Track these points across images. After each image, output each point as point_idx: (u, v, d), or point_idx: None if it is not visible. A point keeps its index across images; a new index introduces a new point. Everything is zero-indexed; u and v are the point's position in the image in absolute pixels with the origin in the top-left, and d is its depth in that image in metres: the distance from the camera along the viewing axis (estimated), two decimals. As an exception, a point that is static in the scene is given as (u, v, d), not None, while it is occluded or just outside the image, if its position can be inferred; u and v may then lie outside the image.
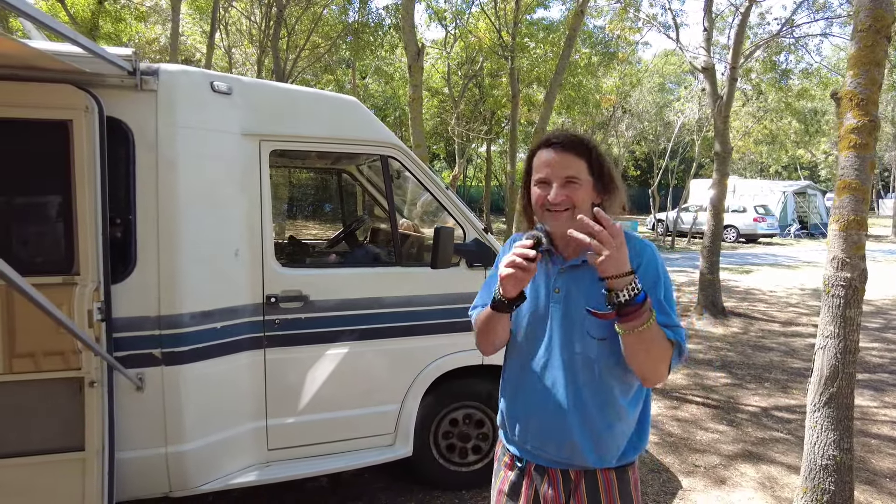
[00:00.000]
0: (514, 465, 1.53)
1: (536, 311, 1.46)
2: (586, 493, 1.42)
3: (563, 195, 1.35)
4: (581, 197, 1.36)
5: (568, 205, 1.35)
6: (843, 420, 2.69)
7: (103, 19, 12.74)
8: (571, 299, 1.40)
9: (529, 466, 1.49)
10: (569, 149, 1.37)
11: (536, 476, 1.47)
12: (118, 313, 2.35)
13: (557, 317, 1.42)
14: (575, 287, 1.41)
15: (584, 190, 1.37)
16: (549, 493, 1.45)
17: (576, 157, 1.37)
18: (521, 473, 1.51)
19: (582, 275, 1.39)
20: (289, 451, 2.82)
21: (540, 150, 1.42)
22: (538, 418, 1.44)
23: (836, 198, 2.70)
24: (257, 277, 2.68)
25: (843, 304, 2.67)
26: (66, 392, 2.23)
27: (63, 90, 2.16)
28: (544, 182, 1.38)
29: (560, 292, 1.42)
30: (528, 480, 1.49)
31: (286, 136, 2.76)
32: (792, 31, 9.92)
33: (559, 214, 1.36)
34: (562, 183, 1.36)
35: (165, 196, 2.43)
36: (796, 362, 5.95)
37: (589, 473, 1.43)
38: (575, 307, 1.40)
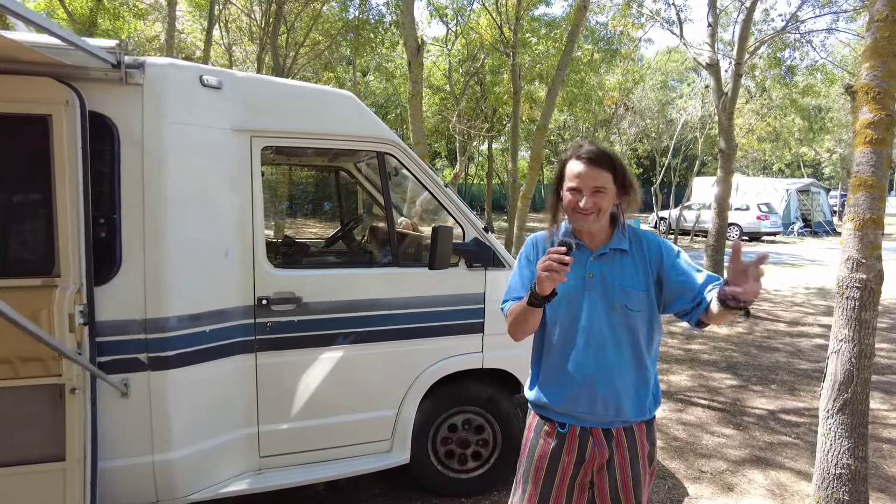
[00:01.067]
0: (556, 433, 1.74)
1: (574, 297, 1.70)
2: (626, 444, 1.71)
3: (592, 202, 1.62)
4: (606, 203, 1.65)
5: (595, 210, 1.64)
6: (857, 427, 2.59)
7: (102, 16, 12.63)
8: (606, 281, 1.70)
9: (574, 430, 1.72)
10: (597, 163, 1.63)
11: (580, 437, 1.72)
12: (102, 316, 2.26)
13: (595, 298, 1.69)
14: (608, 270, 1.71)
15: (609, 196, 1.65)
16: (594, 451, 1.70)
17: (603, 170, 1.63)
18: (562, 438, 1.73)
19: (610, 261, 1.72)
20: (282, 459, 2.73)
21: (571, 161, 1.67)
22: (588, 386, 1.68)
23: (851, 195, 2.59)
24: (248, 278, 2.58)
25: (858, 306, 2.56)
26: (46, 399, 2.14)
27: (42, 83, 2.06)
28: (576, 190, 1.64)
29: (594, 277, 1.70)
30: (572, 443, 1.72)
31: (278, 131, 2.66)
32: (797, 26, 9.79)
33: (587, 217, 1.65)
34: (591, 192, 1.63)
35: (152, 194, 2.33)
36: (803, 363, 5.84)
37: (627, 428, 1.71)
38: (611, 287, 1.69)
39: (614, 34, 13.10)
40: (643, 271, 1.70)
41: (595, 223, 1.66)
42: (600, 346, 1.67)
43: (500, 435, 3.12)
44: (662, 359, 5.96)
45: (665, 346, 6.47)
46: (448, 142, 26.08)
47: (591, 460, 1.71)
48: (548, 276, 1.51)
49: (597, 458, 1.71)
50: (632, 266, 1.70)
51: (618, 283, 1.68)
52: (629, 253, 1.72)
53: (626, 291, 1.67)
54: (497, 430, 3.12)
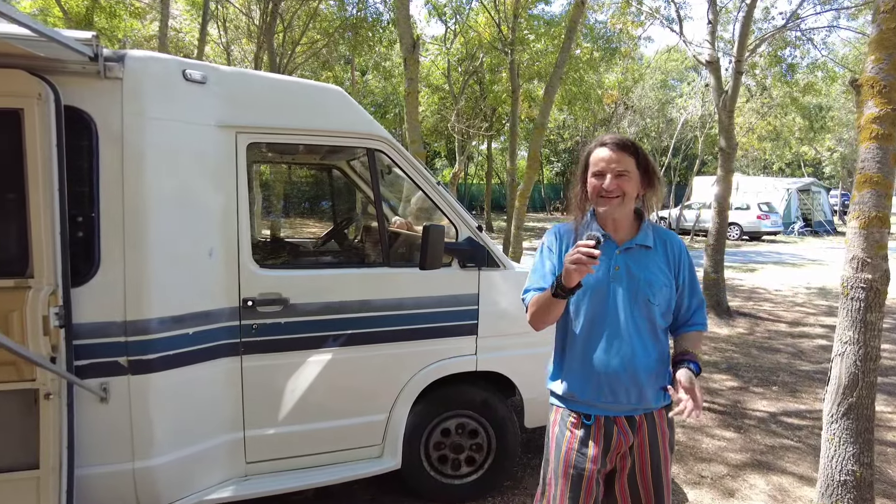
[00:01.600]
0: (582, 423, 1.77)
1: (599, 288, 1.73)
2: (647, 429, 1.76)
3: (615, 184, 1.67)
4: (630, 187, 1.68)
5: (619, 192, 1.67)
6: (863, 432, 2.51)
7: (98, 14, 12.54)
8: (632, 274, 1.73)
9: (599, 420, 1.76)
10: (621, 148, 1.69)
11: (605, 427, 1.75)
12: (80, 318, 2.18)
13: (621, 290, 1.72)
14: (633, 264, 1.74)
15: (633, 181, 1.69)
16: (619, 438, 1.74)
17: (627, 154, 1.68)
18: (588, 429, 1.76)
19: (636, 254, 1.75)
20: (269, 465, 2.65)
21: (596, 149, 1.72)
22: (612, 376, 1.72)
23: (856, 192, 2.51)
24: (233, 279, 2.50)
25: (863, 307, 2.48)
26: (19, 405, 2.06)
27: (13, 76, 1.98)
28: (601, 174, 1.69)
29: (619, 269, 1.73)
30: (598, 433, 1.75)
31: (265, 127, 2.58)
32: (798, 24, 9.70)
33: (611, 200, 1.68)
34: (615, 174, 1.67)
35: (132, 192, 2.25)
36: (805, 364, 5.76)
37: (648, 414, 1.76)
38: (635, 280, 1.72)
39: (613, 32, 13.02)
40: (667, 268, 1.76)
41: (620, 208, 1.69)
42: (624, 338, 1.72)
43: (495, 440, 3.04)
44: (662, 360, 5.88)
45: (665, 347, 6.38)
46: (447, 141, 26.01)
47: (616, 448, 1.75)
48: (576, 269, 1.54)
49: (623, 446, 1.75)
50: (656, 262, 1.75)
51: (643, 277, 1.72)
52: (654, 249, 1.76)
53: (651, 286, 1.72)
54: (491, 434, 3.04)
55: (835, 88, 19.56)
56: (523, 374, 3.04)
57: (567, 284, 1.59)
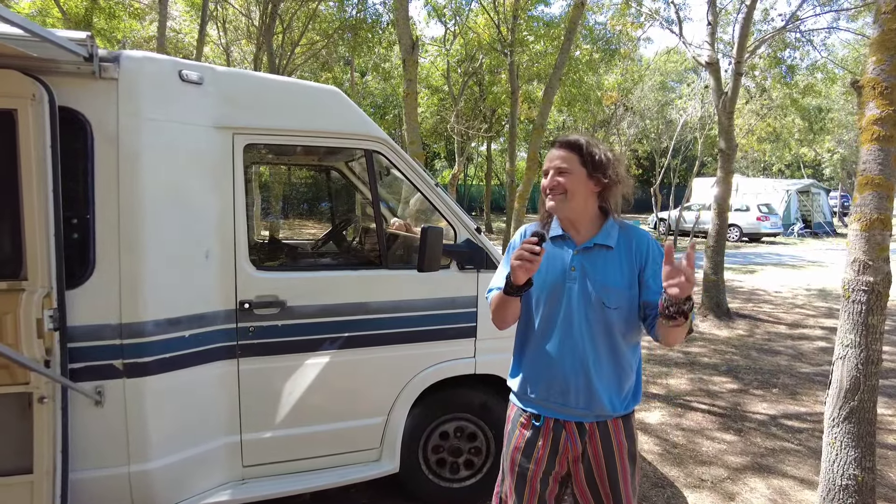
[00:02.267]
0: (531, 424, 1.75)
1: (554, 288, 1.71)
2: (600, 439, 1.70)
3: (555, 181, 1.66)
4: (572, 183, 1.66)
5: (560, 190, 1.66)
6: (864, 436, 2.49)
7: (97, 16, 12.52)
8: (588, 276, 1.68)
9: (548, 422, 1.72)
10: (563, 146, 1.69)
11: (554, 430, 1.71)
12: (75, 321, 2.15)
13: (576, 291, 1.68)
14: (589, 265, 1.69)
15: (574, 178, 1.66)
16: (567, 444, 1.70)
17: (568, 151, 1.67)
18: (537, 430, 1.74)
19: (594, 255, 1.70)
20: (266, 468, 2.62)
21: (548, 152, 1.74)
22: (561, 378, 1.68)
23: (858, 194, 2.49)
24: (229, 281, 2.48)
25: (864, 310, 2.46)
26: (13, 409, 2.04)
27: (6, 76, 1.96)
28: (546, 173, 1.70)
29: (576, 270, 1.69)
30: (546, 435, 1.72)
31: (262, 128, 2.56)
32: (798, 25, 9.69)
33: (554, 195, 1.67)
34: (555, 172, 1.67)
35: (128, 193, 2.23)
36: (805, 367, 5.74)
37: (601, 423, 1.70)
38: (591, 282, 1.67)
39: (613, 34, 13.01)
40: (628, 269, 1.68)
41: (565, 205, 1.66)
42: (576, 340, 1.68)
43: (494, 443, 3.01)
44: (661, 362, 5.86)
45: (663, 349, 6.37)
46: (447, 142, 26.01)
47: (564, 453, 1.72)
48: (519, 266, 1.55)
49: (570, 451, 1.71)
50: (616, 263, 1.68)
51: (598, 279, 1.67)
52: (615, 250, 1.69)
53: (606, 288, 1.66)
54: (490, 437, 3.01)
55: (834, 90, 19.54)
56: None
57: (515, 282, 1.59)
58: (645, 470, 3.49)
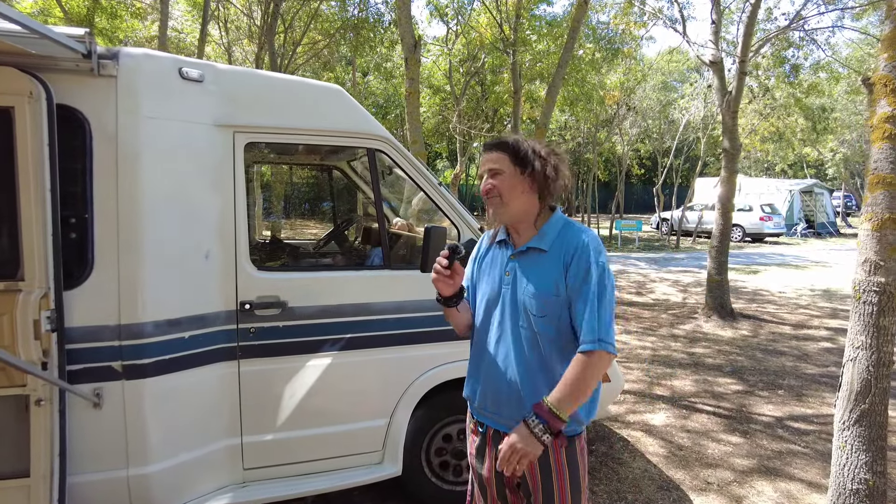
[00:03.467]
0: (478, 431, 1.74)
1: (492, 294, 1.68)
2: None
3: (490, 184, 1.60)
4: (505, 185, 1.58)
5: (496, 193, 1.59)
6: (875, 440, 2.44)
7: (99, 15, 12.51)
8: (518, 281, 1.62)
9: (489, 431, 1.69)
10: (492, 147, 1.62)
11: (493, 439, 1.67)
12: (73, 322, 2.12)
13: (508, 296, 1.63)
14: (521, 270, 1.62)
15: (507, 178, 1.59)
16: None
17: (499, 152, 1.60)
18: (483, 438, 1.72)
19: (527, 260, 1.62)
20: (267, 471, 2.59)
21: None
22: (494, 387, 1.64)
23: (869, 194, 2.44)
24: (230, 282, 2.44)
25: (876, 311, 2.41)
26: (10, 411, 2.01)
27: (3, 73, 1.93)
28: (480, 177, 1.65)
29: (510, 275, 1.64)
30: (490, 444, 1.69)
31: (263, 127, 2.53)
32: (802, 24, 9.64)
33: (492, 201, 1.60)
34: (489, 175, 1.61)
35: (127, 193, 2.20)
36: (810, 368, 5.69)
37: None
38: (520, 287, 1.60)
39: (616, 33, 12.96)
40: (556, 273, 1.55)
41: (502, 209, 1.59)
42: (508, 347, 1.62)
43: (498, 445, 2.98)
44: (665, 363, 5.81)
45: (668, 350, 6.32)
46: (449, 142, 25.96)
47: None
48: (436, 279, 1.56)
49: None
50: (547, 267, 1.57)
51: (525, 285, 1.59)
52: (548, 253, 1.58)
53: (533, 295, 1.56)
54: (494, 440, 2.97)
55: (838, 89, 19.45)
56: None
57: (441, 294, 1.62)
58: (650, 472, 3.45)
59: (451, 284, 1.56)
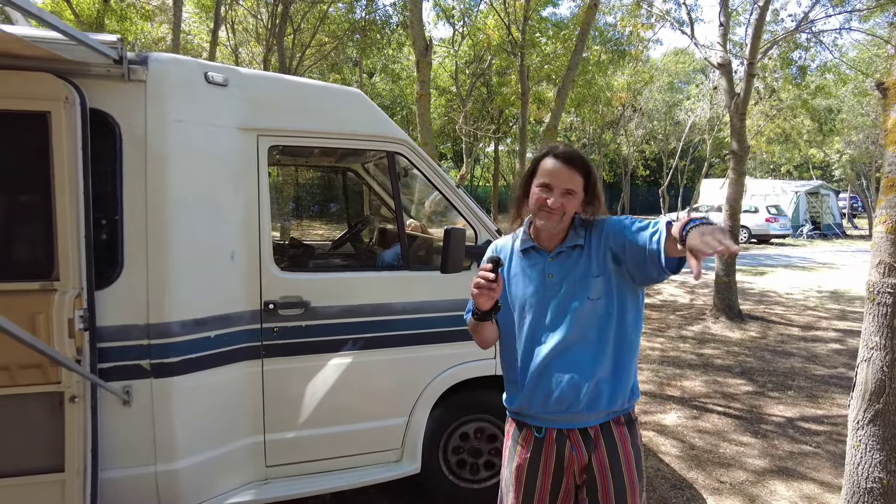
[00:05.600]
0: (533, 437, 1.68)
1: (536, 298, 1.67)
2: (606, 447, 1.64)
3: (560, 202, 1.60)
4: (572, 207, 1.63)
5: (561, 212, 1.61)
6: (890, 439, 2.47)
7: (108, 17, 12.61)
8: (567, 276, 1.65)
9: (550, 435, 1.66)
10: (573, 164, 1.61)
11: (557, 441, 1.65)
12: (103, 321, 2.17)
13: (558, 296, 1.65)
14: (566, 267, 1.66)
15: (576, 201, 1.63)
16: (572, 455, 1.64)
17: (577, 173, 1.61)
18: (539, 445, 1.67)
19: (567, 257, 1.67)
20: (289, 468, 2.64)
21: (547, 159, 1.64)
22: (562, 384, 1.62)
23: (883, 196, 2.47)
24: (254, 282, 2.49)
25: (890, 312, 2.44)
26: (45, 408, 2.06)
27: (41, 79, 1.98)
28: (547, 187, 1.61)
29: (554, 276, 1.67)
30: (549, 449, 1.66)
31: (286, 130, 2.58)
32: (810, 26, 9.64)
33: (552, 216, 1.62)
34: (562, 192, 1.60)
35: (155, 195, 2.25)
36: (819, 369, 5.71)
37: (605, 429, 1.65)
38: (572, 281, 1.64)
39: (623, 35, 12.99)
40: (596, 257, 1.65)
41: (557, 225, 1.64)
42: (569, 343, 1.63)
43: (514, 444, 3.01)
44: (675, 363, 5.84)
45: (677, 351, 6.35)
46: (454, 143, 26.02)
47: (570, 465, 1.65)
48: (479, 294, 1.54)
49: (575, 462, 1.65)
50: (587, 256, 1.66)
51: (578, 276, 1.65)
52: (585, 247, 1.67)
53: (586, 280, 1.64)
54: (510, 438, 3.01)
55: (844, 91, 19.41)
56: None
57: (480, 308, 1.59)
58: (663, 471, 3.48)
59: (492, 297, 1.55)
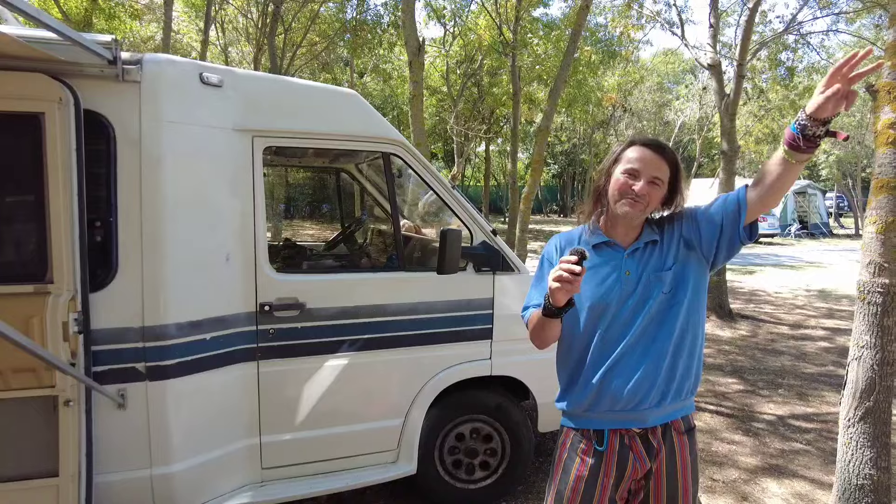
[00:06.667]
0: (593, 450, 1.64)
1: (610, 294, 1.61)
2: (665, 456, 1.61)
3: (647, 190, 1.54)
4: (657, 197, 1.58)
5: (646, 200, 1.55)
6: (880, 436, 2.51)
7: (97, 16, 12.49)
8: (644, 272, 1.61)
9: (612, 444, 1.62)
10: (663, 153, 1.58)
11: (619, 454, 1.61)
12: (98, 324, 2.16)
13: (635, 293, 1.60)
14: (642, 264, 1.62)
15: (660, 193, 1.58)
16: (635, 466, 1.60)
17: (665, 162, 1.57)
18: (600, 456, 1.62)
19: (644, 253, 1.63)
20: (285, 470, 2.63)
21: (636, 146, 1.60)
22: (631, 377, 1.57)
23: (873, 198, 2.51)
24: (250, 284, 2.48)
25: (880, 311, 2.48)
26: (39, 412, 2.04)
27: (34, 80, 1.97)
28: (634, 173, 1.56)
29: (630, 274, 1.61)
30: (610, 460, 1.61)
31: (281, 131, 2.57)
32: (798, 28, 9.75)
33: (636, 204, 1.55)
34: (649, 179, 1.55)
35: (150, 196, 2.23)
36: (809, 367, 5.77)
37: (667, 436, 1.62)
38: (649, 278, 1.60)
39: (613, 35, 13.05)
40: (670, 249, 1.62)
41: (640, 215, 1.58)
42: (644, 338, 1.59)
43: (509, 444, 3.03)
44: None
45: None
46: (444, 143, 26.02)
47: (631, 476, 1.62)
48: (559, 288, 1.43)
49: (638, 473, 1.62)
50: (661, 251, 1.63)
51: (652, 271, 1.61)
52: (659, 241, 1.64)
53: (660, 275, 1.60)
54: (506, 439, 3.03)
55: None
56: (537, 379, 3.03)
57: (555, 304, 1.48)
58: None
59: (572, 291, 1.45)
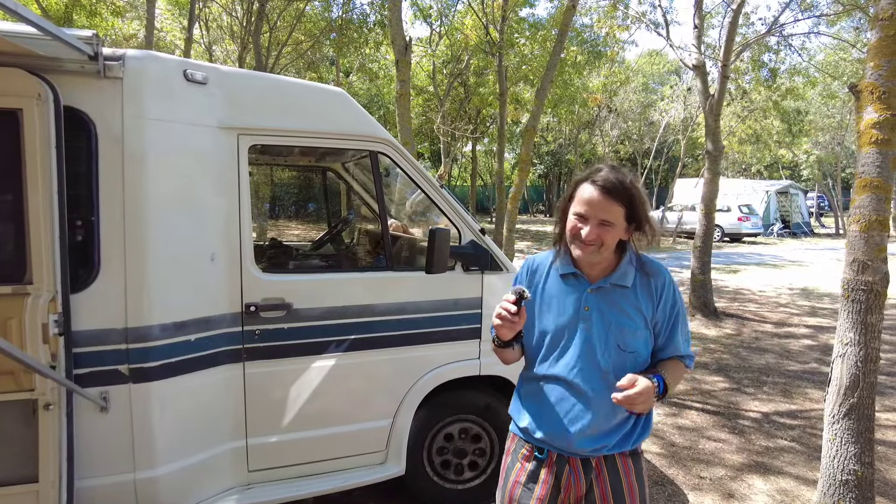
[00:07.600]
0: (534, 457, 1.63)
1: (567, 326, 1.59)
2: (609, 477, 1.57)
3: (595, 234, 1.49)
4: (611, 238, 1.51)
5: (596, 242, 1.50)
6: (864, 432, 2.54)
7: (77, 13, 12.28)
8: (604, 316, 1.56)
9: (551, 457, 1.60)
10: (611, 194, 1.47)
11: (558, 465, 1.59)
12: (79, 326, 2.11)
13: (588, 331, 1.56)
14: (604, 305, 1.57)
15: (615, 232, 1.51)
16: (570, 480, 1.57)
17: (616, 202, 1.48)
18: (539, 463, 1.62)
19: (609, 294, 1.58)
20: (271, 473, 2.60)
21: (585, 185, 1.52)
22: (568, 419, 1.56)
23: (856, 196, 2.54)
24: (235, 284, 2.44)
25: (863, 309, 2.51)
26: (18, 416, 1.98)
27: (11, 75, 1.91)
28: (582, 217, 1.51)
29: (589, 310, 1.57)
30: (549, 469, 1.60)
31: (267, 129, 2.53)
32: (780, 29, 9.88)
33: (586, 248, 1.51)
34: (597, 223, 1.49)
35: (132, 195, 2.19)
36: (793, 364, 5.85)
37: (609, 459, 1.58)
38: (606, 324, 1.56)
39: (599, 36, 13.13)
40: (644, 308, 1.57)
41: (595, 255, 1.52)
42: (587, 381, 1.55)
43: (498, 444, 3.02)
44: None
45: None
46: (431, 143, 26.00)
47: (566, 490, 1.58)
48: (500, 326, 1.48)
49: (572, 490, 1.58)
50: (633, 303, 1.56)
51: (615, 321, 1.55)
52: (631, 289, 1.57)
53: (623, 331, 1.54)
54: (494, 438, 3.02)
55: (812, 93, 19.94)
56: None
57: (501, 338, 1.54)
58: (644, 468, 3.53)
59: (514, 329, 1.48)
